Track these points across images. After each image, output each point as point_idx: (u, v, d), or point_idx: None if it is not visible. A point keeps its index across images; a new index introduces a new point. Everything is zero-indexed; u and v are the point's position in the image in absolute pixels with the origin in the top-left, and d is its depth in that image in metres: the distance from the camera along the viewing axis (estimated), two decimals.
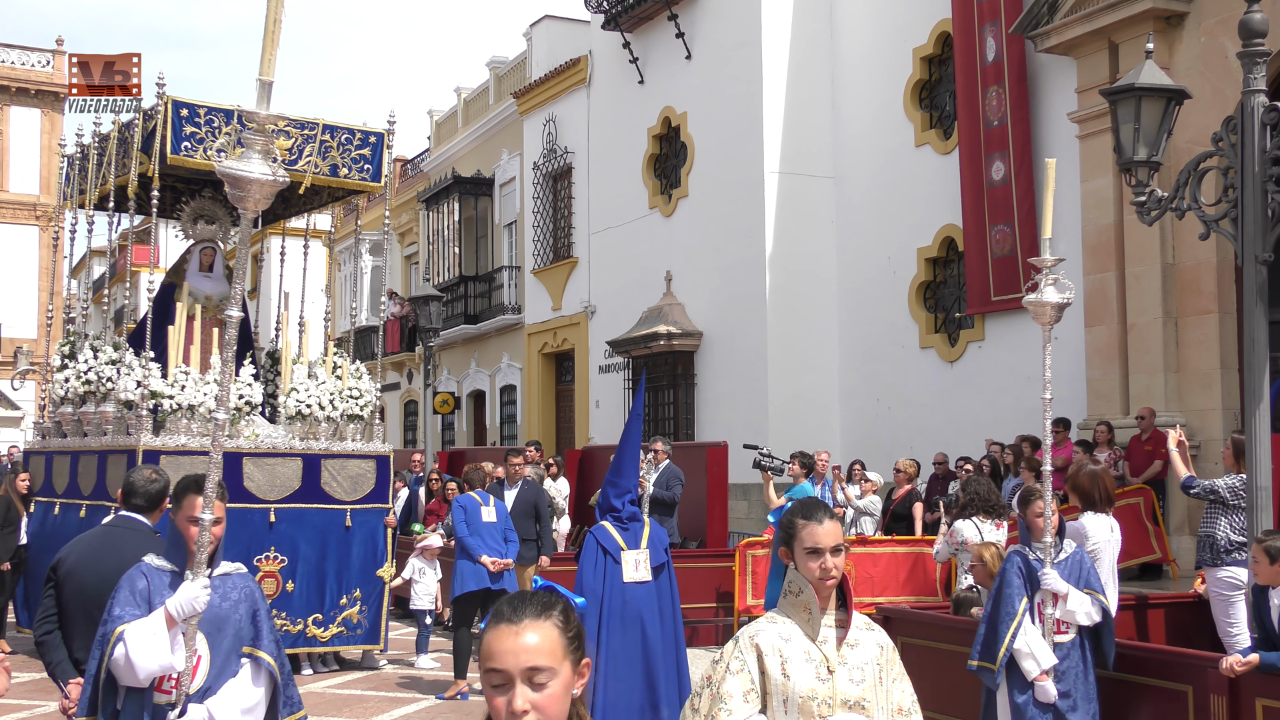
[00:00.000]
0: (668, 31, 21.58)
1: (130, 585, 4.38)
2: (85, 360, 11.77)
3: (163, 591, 4.34)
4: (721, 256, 20.26)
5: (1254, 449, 7.10)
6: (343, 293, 31.94)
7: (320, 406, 11.42)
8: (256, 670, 4.46)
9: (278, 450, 11.09)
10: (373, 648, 11.56)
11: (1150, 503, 13.08)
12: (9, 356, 40.49)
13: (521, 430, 26.48)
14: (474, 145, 29.37)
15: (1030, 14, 15.49)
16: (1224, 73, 13.42)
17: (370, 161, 12.03)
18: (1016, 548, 6.39)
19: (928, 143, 18.09)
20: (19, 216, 41.89)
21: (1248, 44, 7.25)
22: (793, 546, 3.58)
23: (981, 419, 16.38)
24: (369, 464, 11.54)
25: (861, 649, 3.55)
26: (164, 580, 4.39)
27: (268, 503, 10.92)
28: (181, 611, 4.20)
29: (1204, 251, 13.61)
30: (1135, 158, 7.64)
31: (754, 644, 3.48)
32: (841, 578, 3.56)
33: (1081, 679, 6.14)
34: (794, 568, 3.58)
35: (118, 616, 4.29)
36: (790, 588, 3.58)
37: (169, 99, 11.07)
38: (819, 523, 3.54)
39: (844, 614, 3.59)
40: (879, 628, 3.67)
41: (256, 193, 3.94)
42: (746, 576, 12.73)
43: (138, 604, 4.31)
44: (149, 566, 4.44)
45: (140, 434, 10.63)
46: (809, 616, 3.52)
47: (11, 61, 42.35)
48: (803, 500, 3.74)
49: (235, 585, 4.50)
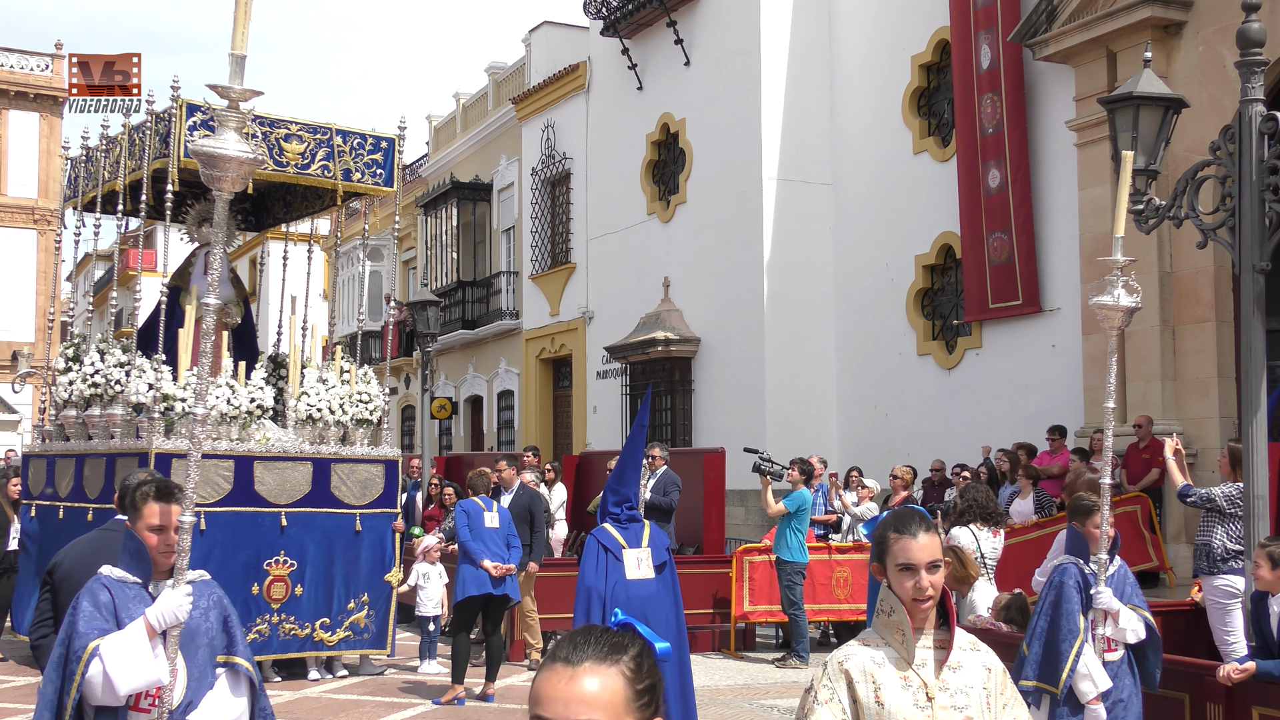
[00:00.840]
0: (666, 38, 21.60)
1: (92, 599, 4.10)
2: (91, 363, 11.69)
3: (129, 605, 4.09)
4: (719, 263, 20.28)
5: (1251, 457, 7.10)
6: (341, 298, 31.94)
7: (331, 411, 11.39)
8: (235, 679, 4.26)
9: (288, 454, 11.04)
10: (379, 652, 11.55)
11: (1147, 511, 13.10)
12: (7, 360, 40.46)
13: (519, 436, 26.48)
14: (472, 151, 29.39)
15: (1028, 22, 15.51)
16: (1222, 82, 13.45)
17: (382, 166, 12.10)
18: (1070, 560, 5.93)
19: (926, 150, 18.11)
20: (17, 220, 41.88)
21: (1245, 53, 7.27)
22: (885, 562, 3.28)
23: (978, 426, 16.39)
24: (378, 468, 11.53)
25: (965, 672, 3.24)
26: (128, 593, 4.14)
27: (278, 506, 10.88)
28: (163, 621, 3.99)
29: (1201, 260, 13.63)
30: (1133, 166, 7.64)
31: (843, 670, 3.20)
32: (941, 594, 3.27)
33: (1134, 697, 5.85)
34: (887, 585, 3.28)
35: (83, 633, 4.00)
36: (883, 607, 3.28)
37: (183, 101, 11.04)
38: (913, 536, 3.23)
39: (945, 634, 3.29)
40: (986, 648, 3.35)
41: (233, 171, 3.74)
42: (743, 582, 12.73)
43: (105, 618, 4.04)
44: (108, 579, 4.18)
45: (152, 437, 10.58)
46: (903, 639, 3.22)
47: (10, 65, 42.36)
48: (898, 511, 3.42)
49: (203, 592, 4.25)
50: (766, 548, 12.69)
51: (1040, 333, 16.06)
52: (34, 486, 12.65)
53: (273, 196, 14.03)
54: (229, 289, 12.92)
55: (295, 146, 11.50)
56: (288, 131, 11.45)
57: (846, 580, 12.91)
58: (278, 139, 11.46)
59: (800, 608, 12.00)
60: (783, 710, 9.75)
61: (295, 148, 11.53)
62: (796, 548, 12.03)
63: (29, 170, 41.98)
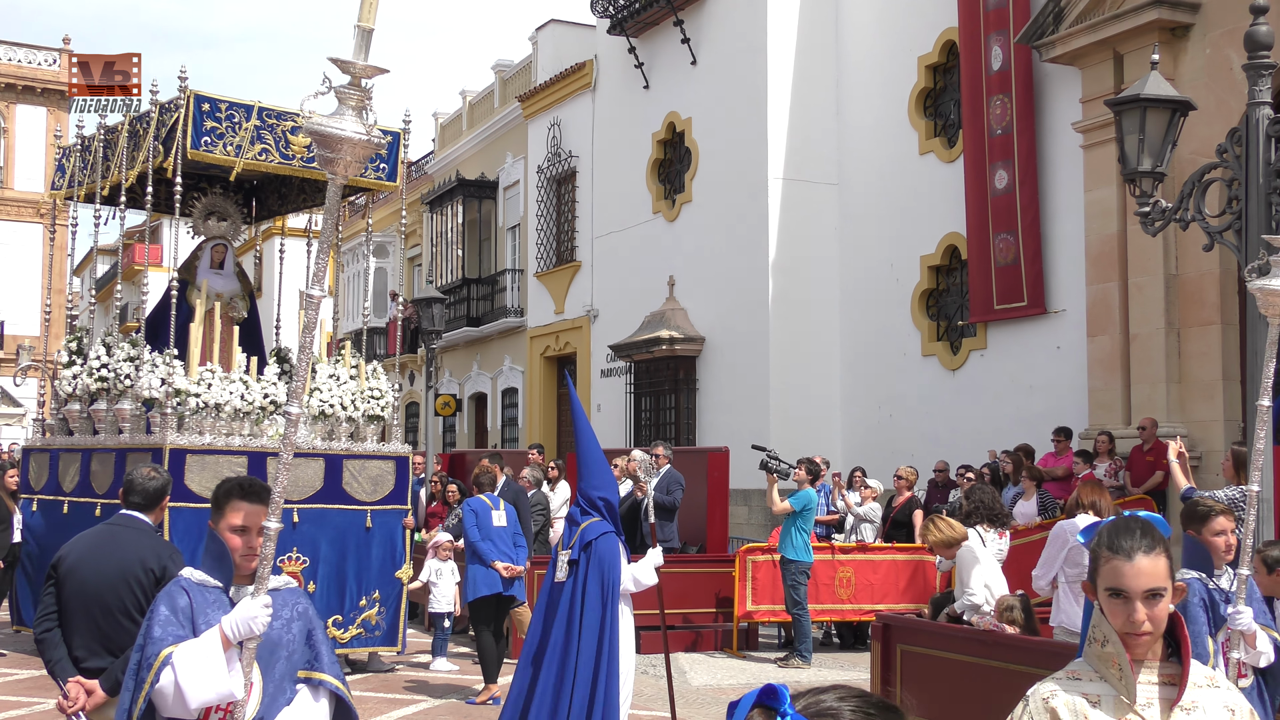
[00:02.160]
0: (673, 37, 21.60)
1: (170, 602, 3.79)
2: (98, 356, 11.59)
3: (207, 610, 3.78)
4: (724, 262, 20.27)
5: (1255, 461, 7.08)
6: (345, 294, 31.96)
7: (343, 407, 11.35)
8: (316, 696, 3.93)
9: (301, 450, 10.93)
10: (390, 649, 11.54)
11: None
12: (11, 354, 40.54)
13: (522, 434, 26.49)
14: (478, 148, 29.40)
15: (1036, 24, 15.50)
16: (1228, 85, 13.43)
17: (386, 160, 12.05)
18: (1194, 576, 5.25)
19: (932, 151, 18.10)
20: (23, 214, 41.97)
21: (1253, 56, 7.26)
22: (1095, 582, 2.81)
23: (982, 428, 16.38)
24: (389, 465, 11.51)
25: (1202, 713, 2.76)
26: (208, 598, 3.82)
27: (291, 503, 10.76)
28: (238, 632, 3.62)
29: (1207, 262, 13.61)
30: (1140, 168, 7.65)
31: (1048, 708, 2.76)
32: (1171, 620, 2.78)
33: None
34: (1099, 609, 2.81)
35: (158, 639, 3.69)
36: (1094, 634, 2.81)
37: (191, 93, 10.99)
38: (1127, 558, 2.73)
39: (1175, 666, 2.80)
40: (1228, 684, 2.90)
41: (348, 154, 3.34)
42: (746, 582, 12.73)
43: (181, 624, 3.74)
44: (189, 582, 3.86)
45: (166, 432, 10.50)
46: (1119, 674, 2.74)
47: (18, 60, 42.44)
48: (1118, 523, 2.88)
49: (286, 602, 3.91)
50: (770, 547, 12.70)
51: (1045, 334, 16.04)
52: (36, 481, 12.52)
53: (268, 189, 13.96)
54: (234, 283, 12.90)
55: (301, 139, 11.49)
56: (293, 124, 11.44)
57: (849, 580, 12.92)
58: (284, 131, 11.43)
59: (804, 607, 12.00)
60: None
61: (301, 140, 11.51)
62: (801, 547, 12.03)
63: (36, 164, 42.06)
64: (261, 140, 11.28)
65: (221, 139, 11.06)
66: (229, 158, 11.11)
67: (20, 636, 12.14)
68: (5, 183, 42.17)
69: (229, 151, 11.07)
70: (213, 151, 11.07)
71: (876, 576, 13.01)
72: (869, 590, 12.92)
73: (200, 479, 10.34)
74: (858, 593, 12.91)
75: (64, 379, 12.03)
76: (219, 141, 11.05)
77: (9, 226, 41.63)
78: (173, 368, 10.77)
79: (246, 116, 11.19)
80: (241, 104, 11.26)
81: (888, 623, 7.96)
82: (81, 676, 5.14)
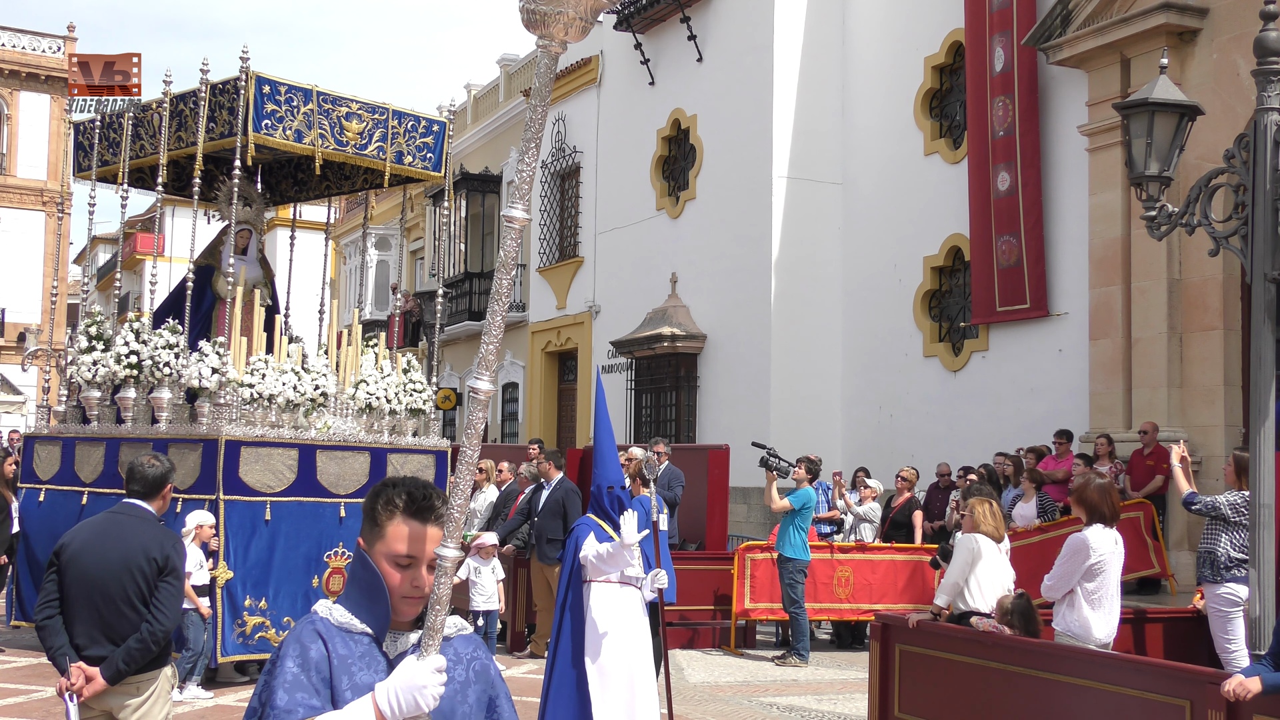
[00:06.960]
0: (680, 33, 21.59)
1: (299, 653, 2.70)
2: (125, 342, 11.09)
3: (352, 667, 2.72)
4: (727, 260, 20.27)
5: (1258, 466, 7.10)
6: (347, 286, 31.96)
7: (387, 400, 11.18)
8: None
9: (348, 443, 10.80)
10: None
11: (1150, 517, 13.10)
12: (12, 341, 40.53)
13: (523, 429, 26.50)
14: (483, 142, 29.40)
15: (1043, 26, 15.49)
16: (1236, 89, 13.43)
17: (433, 150, 11.97)
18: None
19: (937, 151, 18.10)
20: (26, 201, 41.95)
21: (1262, 61, 7.25)
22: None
23: (984, 429, 16.39)
24: (429, 459, 11.42)
25: None
26: (354, 649, 2.75)
27: (338, 497, 10.62)
28: (398, 708, 2.62)
29: (1210, 268, 13.62)
30: (1146, 172, 7.64)
31: None
32: None
33: None
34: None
35: (283, 710, 2.62)
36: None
37: (254, 74, 10.69)
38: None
39: None
40: None
41: (572, 8, 2.74)
42: (745, 579, 12.74)
43: (315, 687, 2.67)
44: (327, 625, 2.77)
45: (220, 423, 10.22)
46: None
47: (22, 47, 42.40)
48: None
49: (460, 657, 2.87)
50: (769, 545, 12.70)
51: (1047, 337, 16.05)
52: (44, 470, 11.92)
53: (281, 174, 13.72)
54: (258, 269, 12.68)
55: (355, 125, 11.32)
56: (349, 110, 11.26)
57: (848, 580, 12.92)
58: (339, 117, 11.21)
59: (801, 606, 12.01)
60: (781, 708, 9.75)
61: (355, 127, 11.32)
62: (800, 545, 12.04)
63: (39, 151, 42.04)
64: (319, 125, 11.05)
65: (281, 122, 10.82)
66: (287, 142, 10.89)
67: (18, 632, 11.63)
68: (8, 169, 42.13)
69: (287, 135, 10.85)
70: (273, 135, 10.82)
71: (875, 576, 13.02)
72: (867, 590, 12.93)
73: (253, 471, 10.16)
74: (856, 592, 12.92)
75: (82, 365, 11.49)
76: (279, 125, 10.81)
77: (11, 214, 41.59)
78: (225, 357, 10.46)
79: (305, 100, 10.97)
80: (300, 87, 11.01)
81: (887, 622, 7.96)
82: (83, 663, 5.15)
